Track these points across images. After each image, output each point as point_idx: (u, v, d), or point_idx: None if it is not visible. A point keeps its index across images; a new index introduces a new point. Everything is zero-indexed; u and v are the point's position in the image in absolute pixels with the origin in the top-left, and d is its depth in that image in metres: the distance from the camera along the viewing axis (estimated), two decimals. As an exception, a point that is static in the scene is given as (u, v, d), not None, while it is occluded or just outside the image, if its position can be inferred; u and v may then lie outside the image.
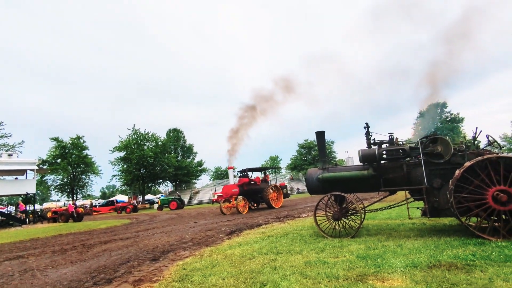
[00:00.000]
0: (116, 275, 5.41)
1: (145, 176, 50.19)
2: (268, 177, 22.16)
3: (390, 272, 4.03)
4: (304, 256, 5.40)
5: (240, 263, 5.29)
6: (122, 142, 48.12)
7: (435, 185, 6.34)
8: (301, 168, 58.91)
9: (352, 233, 6.95)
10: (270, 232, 8.77)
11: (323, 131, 8.13)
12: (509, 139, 60.32)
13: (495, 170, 5.51)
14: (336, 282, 3.82)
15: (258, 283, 4.06)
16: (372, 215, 10.12)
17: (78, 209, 27.31)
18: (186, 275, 4.82)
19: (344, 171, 7.54)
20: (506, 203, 5.37)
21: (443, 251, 4.81)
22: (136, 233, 12.27)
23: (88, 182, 50.28)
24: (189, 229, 12.01)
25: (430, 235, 6.26)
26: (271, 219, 13.04)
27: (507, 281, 3.33)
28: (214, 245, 7.66)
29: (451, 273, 3.78)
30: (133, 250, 8.00)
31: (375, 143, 7.21)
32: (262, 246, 6.69)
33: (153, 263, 6.17)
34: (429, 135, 6.77)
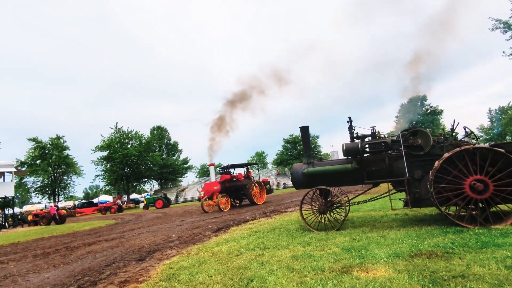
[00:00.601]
0: (101, 277, 5.33)
1: (130, 175, 49.38)
2: (250, 173, 21.95)
3: (374, 262, 4.13)
4: (290, 250, 5.46)
5: (228, 260, 5.30)
6: (105, 141, 47.12)
7: (416, 176, 6.52)
8: (287, 163, 59.33)
9: (337, 226, 7.07)
10: (257, 228, 8.82)
11: (307, 126, 8.21)
12: (485, 130, 62.52)
13: (472, 160, 5.71)
14: (322, 275, 3.89)
15: (246, 279, 4.09)
16: (356, 207, 10.31)
17: (60, 211, 26.63)
18: (173, 274, 4.80)
19: (328, 165, 7.64)
20: (482, 192, 5.58)
21: (424, 240, 4.96)
22: (122, 233, 12.09)
23: (70, 183, 49.14)
24: (176, 227, 11.93)
25: (412, 225, 6.44)
26: (258, 214, 13.10)
27: (483, 267, 3.47)
28: (201, 243, 7.64)
29: (432, 261, 3.91)
30: (119, 251, 7.88)
31: (358, 137, 7.33)
32: (249, 242, 6.72)
33: (139, 264, 6.10)
34: (410, 128, 6.94)
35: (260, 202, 19.65)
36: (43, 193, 47.01)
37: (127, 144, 48.66)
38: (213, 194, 18.41)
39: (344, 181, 7.58)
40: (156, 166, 50.59)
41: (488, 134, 60.89)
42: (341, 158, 7.72)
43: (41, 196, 48.03)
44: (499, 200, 5.55)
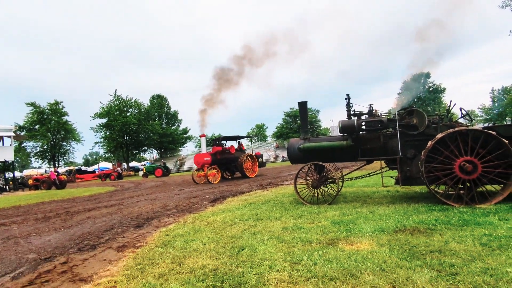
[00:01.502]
0: (100, 242, 5.59)
1: (129, 144, 49.71)
2: (243, 146, 21.68)
3: (359, 236, 4.35)
4: (282, 222, 5.69)
5: (222, 229, 5.54)
6: (104, 109, 46.95)
7: (409, 155, 6.65)
8: (287, 137, 59.54)
9: (329, 200, 7.30)
10: (253, 200, 9.08)
11: (306, 101, 8.22)
12: (486, 110, 62.24)
13: (464, 141, 5.81)
14: (309, 246, 4.11)
15: (237, 247, 4.32)
16: (350, 183, 10.54)
17: (60, 177, 27.08)
18: (169, 241, 5.04)
19: (324, 141, 7.75)
20: (471, 172, 5.73)
21: (410, 217, 5.17)
22: (121, 200, 12.43)
23: (69, 149, 49.48)
24: (174, 196, 12.25)
25: (401, 202, 6.66)
26: (254, 186, 13.40)
27: (460, 243, 3.67)
28: (198, 212, 7.91)
29: (413, 236, 4.12)
30: (117, 217, 8.17)
31: (355, 114, 7.38)
32: (243, 212, 6.97)
33: (137, 230, 6.37)
34: (406, 107, 6.97)
35: (251, 176, 19.46)
36: (42, 158, 47.52)
37: (126, 112, 48.52)
38: (204, 165, 18.09)
39: (339, 157, 7.72)
40: (155, 135, 50.76)
41: (489, 114, 60.72)
42: (337, 135, 7.81)
43: (41, 161, 48.61)
44: (486, 181, 5.72)
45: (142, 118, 47.93)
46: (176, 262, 3.97)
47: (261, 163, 21.46)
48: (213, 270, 3.54)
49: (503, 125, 6.10)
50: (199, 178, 18.28)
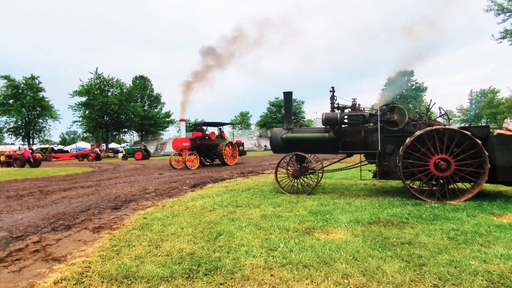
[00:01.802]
0: (75, 222, 5.49)
1: (109, 124, 48.41)
2: (224, 133, 21.41)
3: (335, 226, 4.47)
4: (261, 210, 5.76)
5: (200, 215, 5.55)
6: (84, 87, 45.29)
7: (388, 150, 6.83)
8: (270, 126, 59.69)
9: (308, 190, 7.43)
10: (233, 187, 9.12)
11: (291, 91, 8.24)
12: (463, 111, 64.43)
13: (441, 140, 6.02)
14: (286, 234, 4.19)
15: (215, 233, 4.35)
16: (330, 174, 10.76)
17: (35, 154, 26.17)
18: (146, 224, 5.01)
19: (306, 133, 7.83)
20: (444, 170, 5.97)
21: (384, 210, 5.35)
22: (98, 181, 12.19)
23: (45, 126, 47.68)
24: (153, 180, 12.12)
25: (377, 195, 6.87)
26: (235, 174, 13.44)
27: (429, 236, 3.85)
28: (177, 196, 7.88)
29: (386, 228, 4.28)
30: (94, 198, 8.03)
31: (338, 107, 7.48)
32: (223, 199, 7.00)
33: (114, 212, 6.28)
34: (389, 104, 7.12)
35: (231, 163, 19.32)
36: (16, 134, 45.63)
37: (107, 91, 47.02)
38: (182, 150, 17.76)
39: (320, 149, 7.83)
40: (137, 117, 49.65)
41: (466, 115, 62.89)
42: (319, 127, 7.90)
43: (15, 138, 46.70)
44: (458, 178, 5.97)
45: (123, 99, 46.60)
46: (153, 245, 3.96)
47: (241, 151, 21.23)
48: (190, 254, 3.56)
49: (477, 126, 6.35)
50: (177, 163, 17.93)
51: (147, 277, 2.99)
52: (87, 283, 2.95)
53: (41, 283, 2.99)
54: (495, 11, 18.38)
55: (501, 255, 3.21)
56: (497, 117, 51.37)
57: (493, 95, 55.91)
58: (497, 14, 18.43)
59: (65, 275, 3.13)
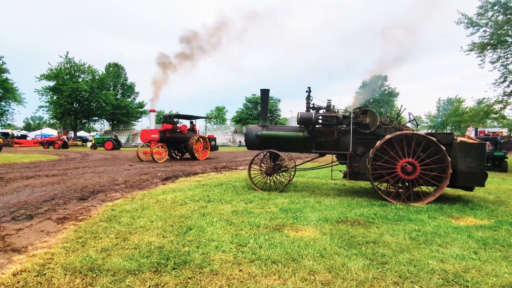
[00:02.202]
0: (38, 212, 5.24)
1: (79, 111, 46.34)
2: (195, 126, 20.85)
3: (304, 224, 4.57)
4: (233, 206, 5.77)
5: (171, 208, 5.48)
6: (52, 71, 42.99)
7: (358, 152, 7.06)
8: (246, 122, 59.72)
9: (280, 188, 7.53)
10: (206, 181, 9.06)
11: (268, 89, 8.28)
12: (431, 117, 67.60)
13: (408, 144, 6.30)
14: (256, 230, 4.23)
15: (185, 227, 4.31)
16: (302, 173, 10.95)
17: (-4, 139, 24.61)
18: (114, 216, 4.87)
19: (281, 131, 7.91)
20: (410, 173, 6.26)
21: (352, 209, 5.53)
22: (65, 170, 11.68)
23: (8, 110, 44.83)
24: (124, 171, 11.79)
25: (346, 195, 7.09)
26: (209, 168, 13.34)
27: (393, 236, 4.04)
28: (148, 189, 7.72)
29: (353, 227, 4.43)
30: (60, 188, 7.69)
31: (313, 108, 7.61)
32: (195, 193, 6.94)
33: (81, 203, 6.06)
34: (362, 107, 7.34)
35: (202, 158, 18.83)
36: (-25, 117, 42.66)
37: (78, 77, 44.92)
38: (150, 142, 17.11)
39: (294, 147, 7.94)
40: (108, 105, 47.81)
41: (433, 122, 66.03)
42: (294, 126, 8.01)
43: (-27, 120, 43.63)
44: (422, 182, 6.29)
45: (95, 86, 44.69)
46: (121, 237, 3.87)
47: (213, 146, 20.70)
48: (159, 248, 3.51)
49: (443, 133, 6.70)
50: (144, 155, 17.31)
51: (113, 270, 2.92)
52: (49, 275, 2.83)
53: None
54: (465, 24, 19.34)
55: (456, 255, 3.43)
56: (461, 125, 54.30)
57: (459, 104, 59.10)
58: (466, 27, 19.40)
59: (25, 266, 2.99)
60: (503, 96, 19.78)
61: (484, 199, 6.92)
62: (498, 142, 19.91)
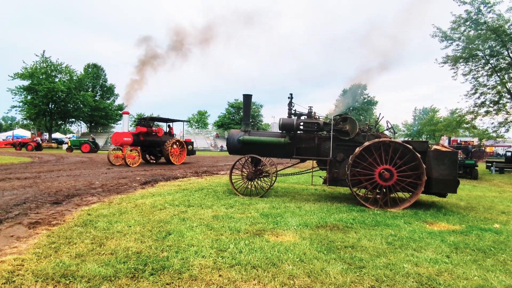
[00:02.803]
0: (8, 216, 5.00)
1: (54, 112, 44.83)
2: (173, 130, 20.14)
3: (285, 229, 4.60)
4: (213, 211, 5.73)
5: (150, 213, 5.37)
6: (27, 69, 41.45)
7: (338, 158, 7.18)
8: (228, 127, 59.65)
9: (261, 193, 7.54)
10: (186, 186, 8.95)
11: (251, 94, 8.32)
12: (408, 126, 69.86)
13: (386, 151, 6.48)
14: (236, 235, 4.22)
15: (164, 232, 4.24)
16: (283, 178, 11.02)
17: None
18: (90, 221, 4.73)
19: (263, 136, 7.96)
20: (388, 179, 6.43)
21: (332, 215, 5.62)
22: (38, 173, 11.23)
23: (-22, 109, 42.78)
24: (101, 175, 11.46)
25: (326, 201, 7.19)
26: (189, 173, 13.20)
27: (370, 241, 4.13)
28: (126, 193, 7.54)
29: (332, 232, 4.50)
30: (32, 191, 7.38)
31: (295, 114, 7.71)
32: (175, 198, 6.84)
33: (54, 207, 5.84)
34: (342, 114, 7.50)
35: (177, 163, 18.17)
36: None
37: (54, 77, 43.52)
38: (123, 145, 16.46)
39: (275, 153, 7.99)
40: (86, 107, 46.50)
41: (409, 130, 68.26)
42: (276, 132, 8.08)
43: None
44: (399, 188, 6.47)
45: (72, 87, 43.41)
46: (97, 242, 3.75)
47: (190, 151, 20.22)
48: (137, 253, 3.43)
49: (418, 141, 6.94)
50: (115, 158, 16.53)
51: (88, 277, 2.83)
52: (18, 282, 2.71)
53: (-38, 282, 2.69)
54: (440, 38, 20.22)
55: (430, 259, 3.54)
56: (435, 134, 56.37)
57: (433, 113, 61.43)
58: (441, 40, 20.29)
59: (-8, 273, 2.84)
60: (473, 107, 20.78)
61: (456, 205, 7.20)
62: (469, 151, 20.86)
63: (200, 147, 54.28)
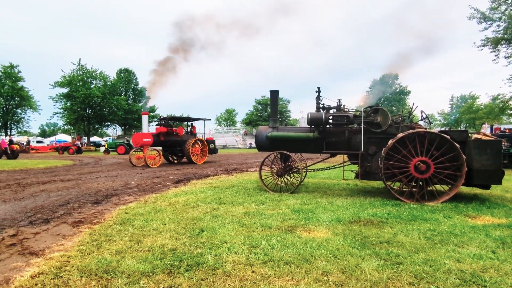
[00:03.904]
0: (54, 216, 5.36)
1: (91, 117, 47.24)
2: (195, 129, 19.89)
3: (317, 225, 4.54)
4: (244, 207, 5.78)
5: (183, 211, 5.52)
6: (65, 78, 43.98)
7: (370, 151, 6.97)
8: (256, 124, 59.80)
9: (292, 189, 7.50)
10: (217, 184, 9.10)
11: (277, 90, 8.28)
12: (444, 115, 66.34)
13: (421, 143, 6.19)
14: (268, 231, 4.23)
15: (198, 229, 4.34)
16: (313, 174, 10.89)
17: (12, 146, 25.26)
18: (128, 219, 4.94)
19: (291, 132, 7.89)
20: (424, 172, 6.15)
21: (365, 210, 5.47)
22: (79, 175, 11.91)
23: (24, 117, 46.08)
24: (136, 175, 11.94)
25: (359, 195, 7.01)
26: (220, 171, 13.41)
27: (407, 236, 3.97)
28: (160, 192, 7.80)
29: (367, 227, 4.38)
30: (75, 192, 7.84)
31: (323, 108, 7.57)
32: (206, 196, 6.98)
33: (95, 206, 6.17)
34: (373, 106, 7.26)
35: (199, 162, 17.84)
36: (-7, 125, 43.94)
37: (90, 83, 45.84)
38: (143, 146, 16.38)
39: (304, 148, 7.91)
40: (120, 110, 48.56)
41: (446, 119, 64.79)
42: (304, 126, 7.98)
43: (-9, 128, 44.94)
44: (436, 180, 6.16)
45: (107, 92, 45.53)
46: (135, 240, 3.92)
47: (212, 149, 19.63)
48: (172, 250, 3.54)
49: (456, 131, 6.56)
50: (137, 160, 16.47)
51: (127, 272, 2.96)
52: (65, 277, 2.89)
53: (18, 277, 2.91)
54: (478, 19, 18.96)
55: (473, 255, 3.35)
56: (475, 122, 53.12)
57: (473, 101, 57.81)
58: (479, 22, 19.03)
59: (42, 269, 3.06)
60: (519, 91, 19.28)
61: (501, 198, 6.75)
62: (515, 139, 19.36)
63: (229, 145, 54.94)
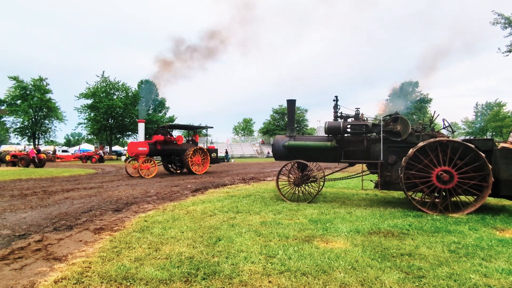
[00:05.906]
0: (77, 223, 5.52)
1: (114, 127, 48.71)
2: (197, 137, 19.12)
3: (335, 235, 4.46)
4: (261, 217, 5.75)
5: (201, 219, 5.56)
6: (90, 89, 45.76)
7: (390, 161, 6.82)
8: (273, 133, 59.86)
9: (309, 198, 7.41)
10: (234, 192, 9.13)
11: (294, 99, 8.29)
12: (469, 123, 64.11)
13: (444, 152, 6.00)
14: (285, 241, 4.19)
15: (215, 238, 4.35)
16: (331, 183, 10.72)
17: (40, 155, 26.34)
18: (147, 227, 5.03)
19: (309, 141, 7.85)
20: (447, 182, 5.94)
21: (385, 220, 5.33)
22: (101, 183, 12.25)
23: (51, 127, 48.10)
24: (155, 183, 12.16)
25: (378, 206, 6.84)
26: (237, 180, 13.45)
27: (430, 248, 3.83)
28: (178, 200, 7.89)
29: (387, 239, 4.26)
30: (96, 200, 8.06)
31: (341, 117, 7.50)
32: (224, 204, 7.00)
33: (116, 214, 6.31)
34: (392, 114, 7.13)
35: (200, 172, 16.86)
36: (22, 134, 46.04)
37: (113, 94, 47.47)
38: (138, 156, 15.65)
39: (322, 157, 7.83)
40: (141, 120, 49.87)
41: (471, 128, 62.58)
42: (322, 135, 7.92)
43: (21, 138, 47.11)
44: (460, 191, 5.93)
45: (128, 102, 46.98)
46: (153, 247, 3.97)
47: (214, 159, 18.23)
48: (189, 258, 3.56)
49: (481, 139, 6.32)
50: (134, 169, 15.83)
51: (146, 279, 3.00)
52: (86, 283, 2.96)
53: (42, 281, 3.01)
54: (502, 24, 18.43)
55: (502, 269, 3.19)
56: (503, 130, 51.03)
57: (499, 108, 55.65)
58: (504, 27, 18.48)
59: (65, 274, 3.15)
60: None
61: (532, 210, 6.41)
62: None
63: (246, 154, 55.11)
